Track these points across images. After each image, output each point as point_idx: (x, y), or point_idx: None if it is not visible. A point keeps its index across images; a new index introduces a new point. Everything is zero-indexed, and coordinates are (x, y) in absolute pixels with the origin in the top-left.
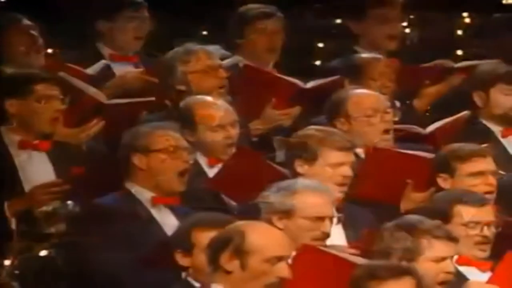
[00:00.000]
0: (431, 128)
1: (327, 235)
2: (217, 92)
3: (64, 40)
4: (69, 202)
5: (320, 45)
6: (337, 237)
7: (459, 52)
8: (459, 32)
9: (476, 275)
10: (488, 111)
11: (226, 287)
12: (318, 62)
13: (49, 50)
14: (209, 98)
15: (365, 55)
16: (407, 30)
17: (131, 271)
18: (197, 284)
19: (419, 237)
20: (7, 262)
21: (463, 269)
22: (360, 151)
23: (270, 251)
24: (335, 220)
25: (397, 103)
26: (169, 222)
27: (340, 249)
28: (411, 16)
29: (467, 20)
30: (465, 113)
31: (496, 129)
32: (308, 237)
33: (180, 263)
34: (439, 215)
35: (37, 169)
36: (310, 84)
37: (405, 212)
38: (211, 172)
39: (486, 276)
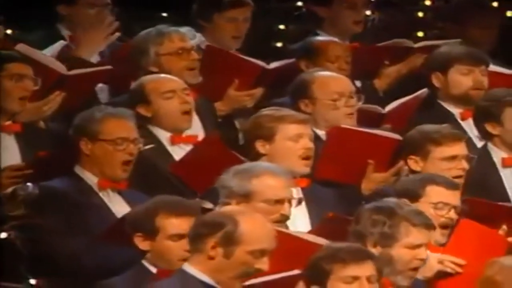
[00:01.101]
0: (389, 107)
1: (286, 218)
2: (189, 73)
3: (24, 22)
4: (28, 184)
5: (282, 27)
6: (301, 220)
7: (420, 34)
8: (420, 14)
9: None
10: (447, 92)
11: (201, 269)
12: (279, 44)
13: (8, 31)
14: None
15: (321, 37)
16: (368, 12)
17: (86, 253)
18: (152, 269)
19: (397, 223)
20: None
21: None
22: (322, 133)
23: (258, 244)
24: (294, 202)
25: (358, 83)
26: (119, 207)
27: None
28: None
29: (428, 2)
30: (423, 91)
31: (455, 111)
32: (268, 220)
33: (140, 246)
34: (408, 193)
35: (4, 152)
36: (273, 65)
37: (373, 191)
38: (174, 151)
39: None
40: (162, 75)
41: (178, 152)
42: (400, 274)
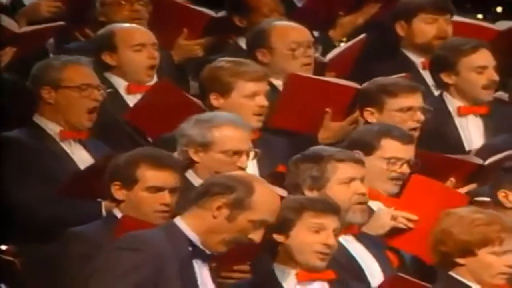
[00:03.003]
0: (330, 55)
1: (243, 170)
2: (133, 24)
3: None
4: None
5: None
6: (250, 169)
7: None
8: None
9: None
10: (411, 41)
11: (192, 225)
12: None
13: None
14: (130, 24)
15: None
16: None
17: (46, 204)
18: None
19: (324, 164)
20: None
21: (370, 203)
22: (279, 83)
23: (263, 214)
24: (252, 154)
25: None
26: (80, 156)
27: None
28: None
29: None
30: (362, 36)
31: (417, 60)
32: (224, 171)
33: (115, 195)
34: (363, 144)
35: None
36: (221, 14)
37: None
38: (130, 99)
39: None
40: (135, 25)
41: (134, 101)
42: (348, 212)
